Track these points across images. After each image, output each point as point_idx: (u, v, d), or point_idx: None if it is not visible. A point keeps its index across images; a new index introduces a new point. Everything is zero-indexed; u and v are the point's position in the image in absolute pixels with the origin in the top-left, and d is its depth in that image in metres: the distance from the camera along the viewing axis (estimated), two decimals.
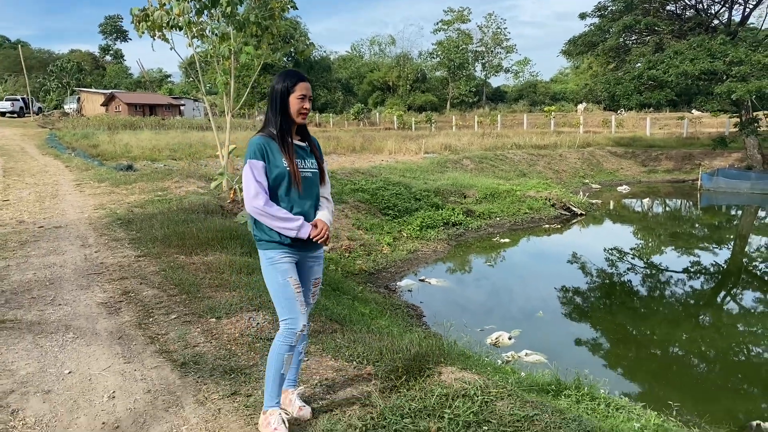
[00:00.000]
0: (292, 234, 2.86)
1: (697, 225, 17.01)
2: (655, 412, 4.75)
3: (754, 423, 5.31)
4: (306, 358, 3.72)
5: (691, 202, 20.22)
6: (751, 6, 22.58)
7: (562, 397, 4.54)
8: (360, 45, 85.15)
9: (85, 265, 6.00)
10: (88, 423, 3.01)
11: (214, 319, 4.39)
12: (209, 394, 3.26)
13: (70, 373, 3.56)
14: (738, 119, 22.53)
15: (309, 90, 2.99)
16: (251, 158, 2.88)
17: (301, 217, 2.90)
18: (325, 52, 77.68)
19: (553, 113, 39.19)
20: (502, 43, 67.82)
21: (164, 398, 3.24)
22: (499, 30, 67.84)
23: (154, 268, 5.80)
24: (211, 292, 5.06)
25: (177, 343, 3.97)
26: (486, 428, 2.83)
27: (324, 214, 3.03)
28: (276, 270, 2.92)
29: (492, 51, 68.62)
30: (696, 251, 13.43)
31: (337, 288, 7.72)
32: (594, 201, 18.91)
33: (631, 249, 13.61)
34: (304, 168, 2.99)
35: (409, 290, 9.61)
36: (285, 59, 57.30)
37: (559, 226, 15.11)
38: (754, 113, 22.53)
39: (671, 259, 12.67)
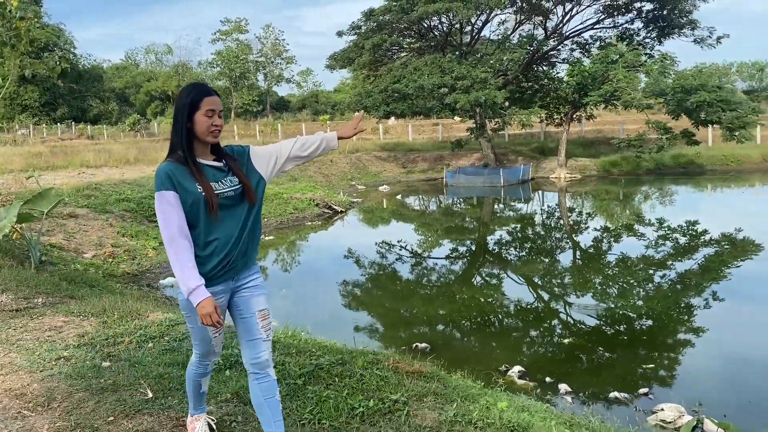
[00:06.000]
0: (184, 292, 2.61)
1: (436, 213, 20.16)
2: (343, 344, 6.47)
3: (418, 344, 7.35)
4: (53, 323, 4.77)
5: (437, 196, 23.67)
6: (477, 30, 27.02)
7: None
8: (134, 53, 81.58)
9: None
10: None
11: None
12: None
13: None
14: (474, 125, 26.72)
15: (218, 104, 2.74)
16: (159, 189, 2.64)
17: (201, 283, 2.60)
18: (95, 60, 73.23)
19: (327, 122, 41.92)
20: (282, 54, 70.01)
21: None
22: (277, 41, 69.91)
23: None
24: None
25: None
26: (166, 338, 4.24)
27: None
28: (195, 313, 2.65)
29: (272, 61, 70.42)
30: (422, 233, 16.25)
31: (93, 285, 8.56)
32: (356, 199, 21.38)
33: (374, 235, 15.95)
34: (222, 190, 2.72)
35: (171, 286, 10.62)
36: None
37: (320, 223, 17.10)
38: (487, 120, 26.90)
39: (407, 240, 15.18)
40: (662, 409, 4.71)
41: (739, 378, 6.06)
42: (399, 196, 23.11)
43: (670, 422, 4.49)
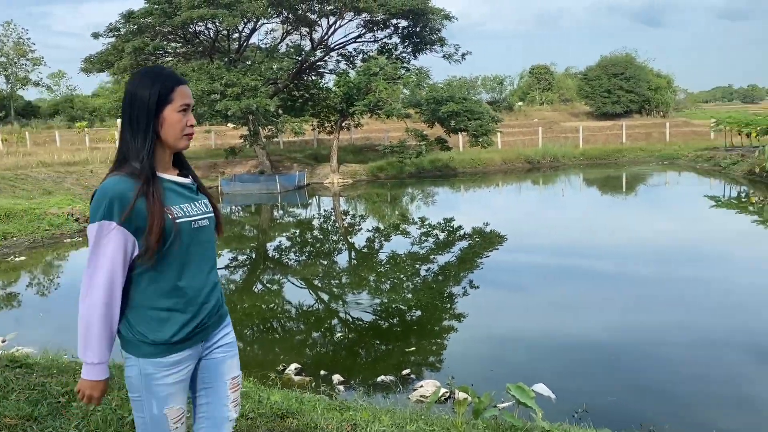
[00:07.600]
0: (81, 357, 1.92)
1: None
2: None
3: None
4: None
5: None
6: (245, 37, 26.94)
7: None
8: None
9: None
10: None
11: None
12: None
13: None
14: (248, 132, 26.61)
15: (191, 97, 1.96)
16: (100, 218, 1.79)
17: (103, 362, 1.89)
18: None
19: (86, 129, 38.49)
20: (27, 54, 62.27)
21: None
22: (21, 40, 62.04)
23: None
24: None
25: None
26: None
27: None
28: (151, 395, 1.88)
29: (15, 62, 62.34)
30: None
31: None
32: None
33: None
34: (194, 215, 1.93)
35: None
36: None
37: (82, 239, 15.71)
38: (260, 127, 26.95)
39: None
40: (422, 386, 5.33)
41: (485, 352, 7.04)
42: None
43: (428, 396, 5.08)
